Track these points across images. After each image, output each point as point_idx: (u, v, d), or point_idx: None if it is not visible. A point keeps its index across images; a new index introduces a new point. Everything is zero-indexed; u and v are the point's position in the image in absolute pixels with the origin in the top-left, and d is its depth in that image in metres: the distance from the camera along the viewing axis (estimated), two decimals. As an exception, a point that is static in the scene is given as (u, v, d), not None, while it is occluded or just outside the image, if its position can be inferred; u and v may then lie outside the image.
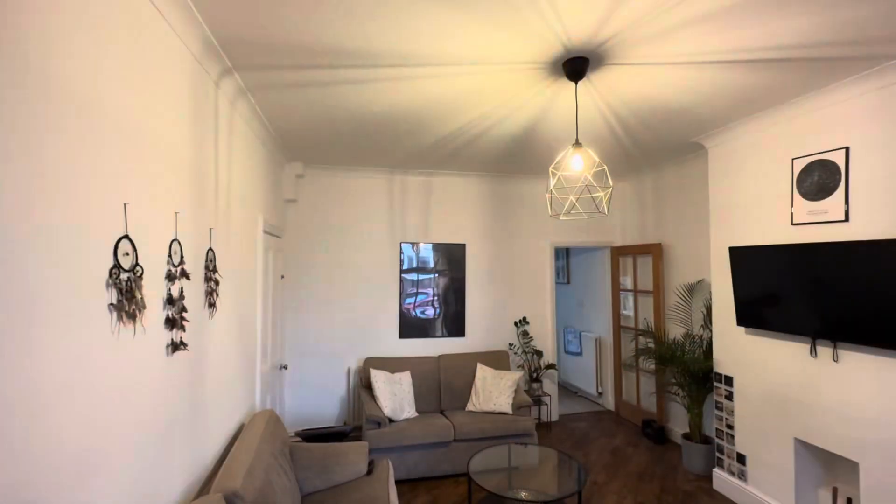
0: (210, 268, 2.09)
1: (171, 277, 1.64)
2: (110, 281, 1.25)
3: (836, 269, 2.51)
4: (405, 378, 4.00)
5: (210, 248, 2.10)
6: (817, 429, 2.70)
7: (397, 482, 3.56)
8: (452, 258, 4.79)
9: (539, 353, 4.76)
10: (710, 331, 3.62)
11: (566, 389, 6.20)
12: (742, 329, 3.23)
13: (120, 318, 1.29)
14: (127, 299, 1.32)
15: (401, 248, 4.65)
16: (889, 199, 2.35)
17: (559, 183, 3.08)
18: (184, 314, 1.75)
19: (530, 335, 4.88)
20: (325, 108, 2.86)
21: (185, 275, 1.76)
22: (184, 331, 1.74)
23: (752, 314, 3.05)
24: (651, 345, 4.22)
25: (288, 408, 4.23)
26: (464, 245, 4.82)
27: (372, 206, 4.59)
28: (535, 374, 4.74)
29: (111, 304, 1.25)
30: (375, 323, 4.55)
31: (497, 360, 4.44)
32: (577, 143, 2.13)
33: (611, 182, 2.43)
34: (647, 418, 4.58)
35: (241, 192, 2.66)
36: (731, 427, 3.34)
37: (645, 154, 4.09)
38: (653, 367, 4.45)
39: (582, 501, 3.22)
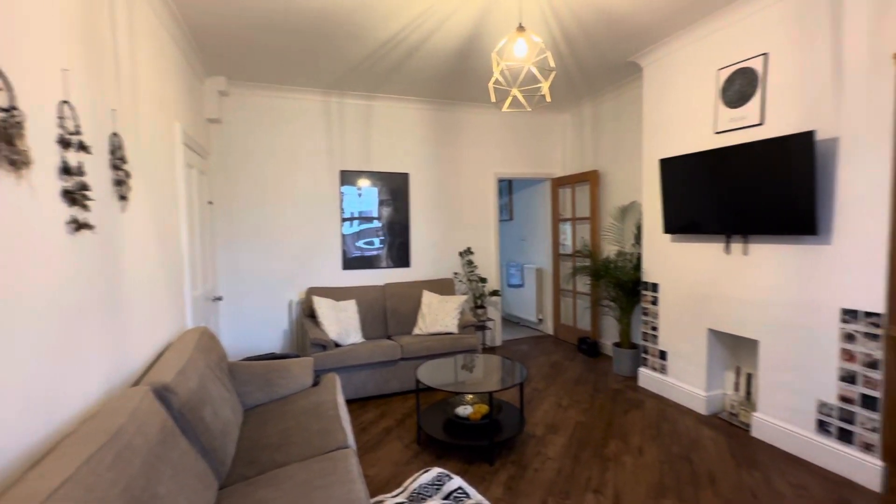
0: (117, 155, 1.85)
1: (64, 143, 1.42)
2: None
3: (747, 169, 2.72)
4: (350, 305, 3.95)
5: (115, 133, 1.84)
6: (727, 317, 3.03)
7: (347, 402, 3.57)
8: (396, 188, 4.68)
9: (483, 280, 4.88)
10: (640, 247, 3.88)
11: (509, 321, 6.48)
12: (668, 237, 3.47)
13: (-5, 160, 1.09)
14: (4, 141, 1.11)
15: (341, 177, 4.44)
16: (798, 98, 2.55)
17: (502, 72, 3.03)
18: (86, 192, 1.53)
19: (475, 264, 4.96)
20: (246, -5, 2.55)
21: (83, 148, 1.53)
22: (87, 210, 1.53)
23: (677, 221, 3.28)
24: (588, 264, 4.46)
25: (226, 340, 4.04)
26: (407, 175, 4.71)
27: (308, 131, 4.30)
28: (479, 301, 4.87)
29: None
30: (317, 255, 4.39)
31: (443, 286, 4.50)
32: (521, 28, 2.06)
33: (552, 63, 2.40)
34: (582, 336, 4.92)
35: (151, 89, 2.35)
36: (655, 329, 3.66)
37: (586, 77, 4.12)
38: (589, 284, 4.73)
39: (523, 401, 3.43)
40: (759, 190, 2.67)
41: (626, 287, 3.96)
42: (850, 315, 2.34)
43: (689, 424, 3.05)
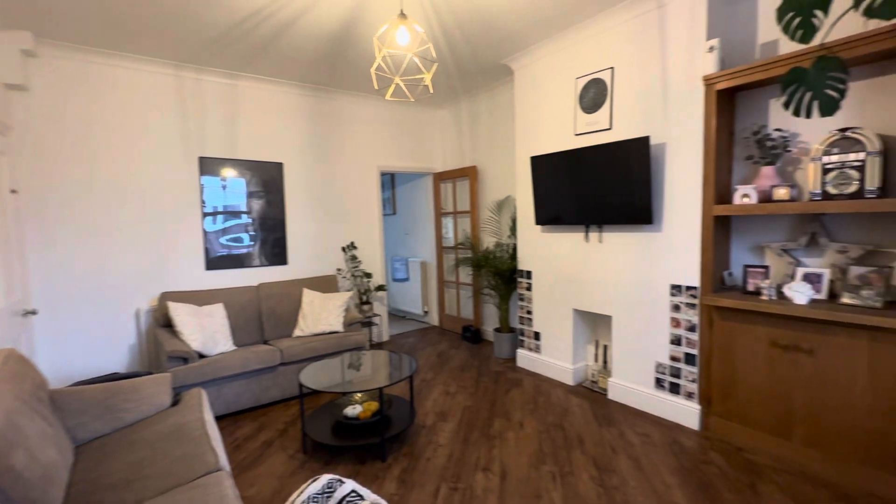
0: None
1: None
2: None
3: (600, 168, 3.12)
4: (217, 310, 3.49)
5: None
6: (587, 297, 3.45)
7: (217, 418, 3.16)
8: (269, 179, 4.27)
9: (368, 275, 4.76)
10: (516, 238, 4.18)
11: (395, 315, 6.46)
12: (539, 228, 3.81)
13: None
14: None
15: (201, 165, 3.89)
16: (637, 108, 3.00)
17: (385, 59, 2.96)
18: None
19: (359, 259, 4.82)
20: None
21: None
22: None
23: (546, 214, 3.61)
24: (469, 255, 4.67)
25: (45, 364, 3.23)
26: (281, 165, 4.33)
27: (155, 109, 3.65)
28: (365, 297, 4.74)
29: None
30: (172, 254, 3.78)
31: (325, 284, 4.26)
32: (403, 15, 2.03)
33: (434, 55, 2.43)
34: (466, 324, 5.14)
35: None
36: (530, 313, 3.99)
37: (463, 75, 4.28)
38: (471, 275, 4.95)
39: (413, 393, 3.44)
40: (610, 186, 3.08)
41: (504, 276, 4.24)
42: (676, 289, 2.85)
43: (560, 395, 3.40)
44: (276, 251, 4.34)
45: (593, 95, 3.26)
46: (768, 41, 2.64)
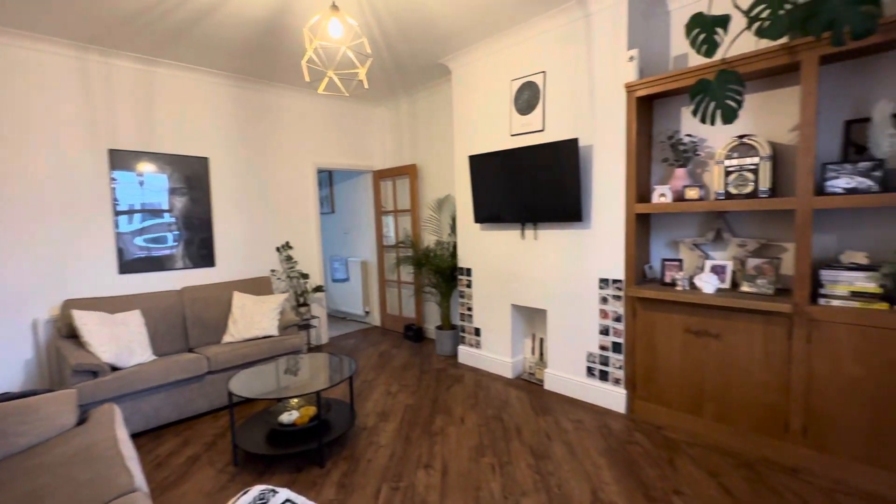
0: None
1: None
2: None
3: (534, 167, 3.25)
4: (133, 318, 3.19)
5: None
6: (524, 292, 3.57)
7: (135, 435, 2.89)
8: (193, 175, 3.97)
9: (305, 276, 4.59)
10: (456, 236, 4.23)
11: (335, 317, 6.29)
12: (478, 226, 3.88)
13: None
14: None
15: (111, 159, 3.53)
16: (568, 111, 3.15)
17: (317, 52, 2.86)
18: None
19: (295, 260, 4.63)
20: None
21: None
22: None
23: (484, 212, 3.69)
24: (410, 254, 4.65)
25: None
26: (206, 159, 4.04)
27: (54, 94, 3.26)
28: (302, 298, 4.57)
29: None
30: (77, 257, 3.39)
31: (258, 286, 4.05)
32: (335, 7, 1.97)
33: (368, 50, 2.38)
34: (408, 323, 5.12)
35: None
36: (470, 309, 4.06)
37: (401, 73, 4.25)
38: (412, 273, 4.94)
39: (353, 395, 3.38)
40: (543, 185, 3.21)
41: (444, 273, 4.28)
42: (604, 282, 3.04)
43: (500, 388, 3.50)
44: (202, 252, 4.04)
45: (527, 98, 3.38)
46: (680, 54, 2.89)
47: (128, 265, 3.63)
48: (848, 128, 2.32)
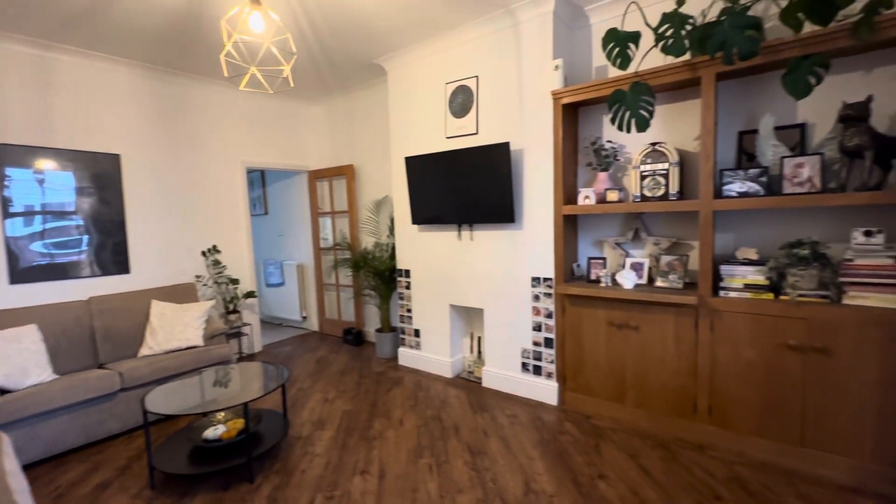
0: None
1: None
2: None
3: (469, 170, 3.31)
4: (28, 333, 2.84)
5: None
6: (461, 292, 3.63)
7: (32, 465, 2.57)
8: (102, 173, 3.61)
9: (235, 281, 4.34)
10: (394, 237, 4.21)
11: (270, 323, 6.01)
12: (416, 228, 3.89)
13: None
14: None
15: (0, 154, 3.12)
16: (499, 115, 3.24)
17: (238, 47, 2.71)
18: None
19: (223, 264, 4.36)
20: None
21: None
22: None
23: (421, 213, 3.70)
24: (348, 256, 4.56)
25: None
26: (118, 156, 3.70)
27: (-79, 79, 2.82)
28: (231, 305, 4.32)
29: None
30: (-43, 266, 2.97)
31: (181, 293, 3.77)
32: (256, 0, 1.88)
33: (294, 48, 2.30)
34: (347, 327, 5.02)
35: None
36: (409, 311, 4.06)
37: (335, 71, 4.15)
38: (350, 276, 4.84)
39: (286, 405, 3.25)
40: (478, 187, 3.29)
41: (383, 276, 4.24)
42: (536, 281, 3.17)
43: (440, 388, 3.53)
44: (117, 258, 3.69)
45: (461, 101, 3.44)
46: (601, 65, 3.09)
47: (23, 274, 3.23)
48: (741, 138, 2.60)
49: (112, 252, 3.68)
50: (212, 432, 2.46)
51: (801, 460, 2.25)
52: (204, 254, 4.25)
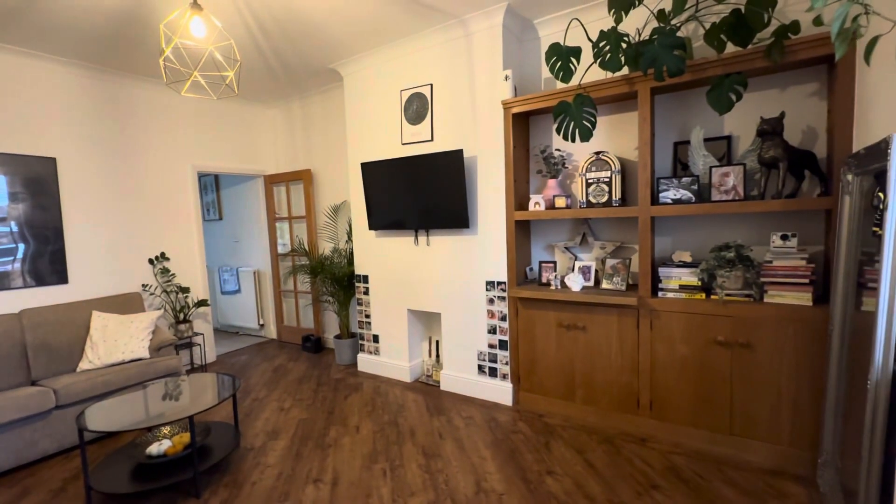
0: None
1: None
2: None
3: (424, 176, 3.36)
4: (-50, 350, 2.64)
5: None
6: (419, 297, 3.66)
7: (-51, 495, 2.39)
8: (37, 177, 3.40)
9: (185, 290, 4.19)
10: (353, 243, 4.19)
11: (226, 332, 5.82)
12: (373, 233, 3.89)
13: None
14: None
15: (-85, 157, 2.89)
16: (453, 123, 3.31)
17: (179, 51, 2.65)
18: None
19: (172, 272, 4.20)
20: None
21: None
22: None
23: (378, 219, 3.71)
24: (306, 262, 4.50)
25: None
26: (54, 160, 3.50)
27: None
28: (181, 315, 4.16)
29: None
30: None
31: (125, 303, 3.60)
32: (196, 5, 1.85)
33: (238, 57, 2.28)
34: (306, 334, 4.93)
35: None
36: (368, 317, 4.05)
37: (290, 76, 4.10)
38: (308, 282, 4.77)
39: (238, 416, 3.18)
40: (433, 193, 3.33)
41: (341, 282, 4.21)
42: (490, 285, 3.24)
43: (398, 393, 3.54)
44: (54, 267, 3.48)
45: (416, 108, 3.48)
46: (549, 76, 3.21)
47: (-57, 286, 3.00)
48: (676, 148, 2.78)
49: (49, 261, 3.47)
50: (156, 448, 2.37)
51: (729, 447, 2.43)
52: (151, 261, 4.08)
